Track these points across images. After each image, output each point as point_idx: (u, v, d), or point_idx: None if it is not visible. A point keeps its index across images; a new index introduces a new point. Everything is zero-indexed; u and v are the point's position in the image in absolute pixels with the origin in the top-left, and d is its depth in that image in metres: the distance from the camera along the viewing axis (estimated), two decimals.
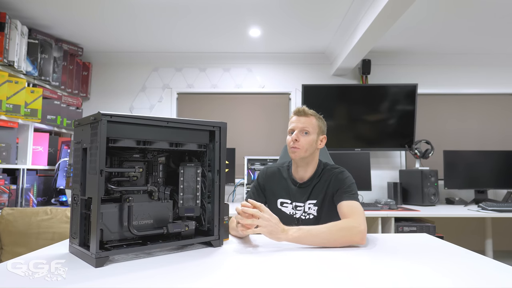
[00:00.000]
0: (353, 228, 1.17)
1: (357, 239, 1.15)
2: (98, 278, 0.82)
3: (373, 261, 1.01)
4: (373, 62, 3.31)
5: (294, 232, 1.14)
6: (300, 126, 1.42)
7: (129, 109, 3.39)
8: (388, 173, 3.31)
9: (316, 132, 1.44)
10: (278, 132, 3.40)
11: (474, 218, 3.07)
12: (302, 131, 1.41)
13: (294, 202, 1.47)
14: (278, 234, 1.13)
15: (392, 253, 1.11)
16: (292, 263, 0.98)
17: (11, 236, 1.80)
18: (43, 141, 2.80)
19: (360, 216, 1.23)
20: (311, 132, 1.42)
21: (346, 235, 1.15)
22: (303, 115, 1.44)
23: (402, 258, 1.04)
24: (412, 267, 0.94)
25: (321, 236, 1.14)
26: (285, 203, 1.48)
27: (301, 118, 1.44)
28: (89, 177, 0.97)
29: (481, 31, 2.83)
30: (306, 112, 1.44)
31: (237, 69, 3.42)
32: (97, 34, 2.94)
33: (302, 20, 2.63)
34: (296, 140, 1.40)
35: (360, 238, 1.16)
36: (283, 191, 1.50)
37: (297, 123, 1.43)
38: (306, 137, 1.41)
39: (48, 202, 2.76)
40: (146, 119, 1.02)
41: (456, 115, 3.40)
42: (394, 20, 2.20)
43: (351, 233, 1.16)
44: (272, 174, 1.55)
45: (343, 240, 1.15)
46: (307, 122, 1.42)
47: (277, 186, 1.51)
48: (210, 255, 1.05)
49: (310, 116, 1.44)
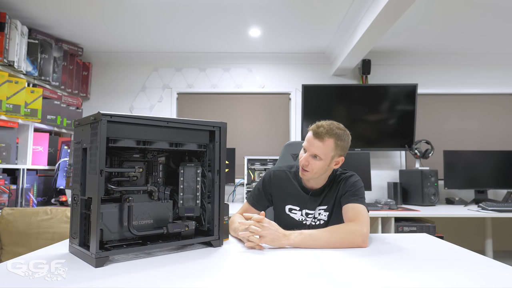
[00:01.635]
0: (354, 231, 1.17)
1: (359, 242, 1.15)
2: (98, 278, 0.82)
3: (373, 261, 1.01)
4: (373, 62, 3.31)
5: (295, 236, 1.14)
6: (312, 150, 1.33)
7: (129, 109, 3.39)
8: (388, 173, 3.31)
9: (331, 156, 1.33)
10: (278, 132, 3.40)
11: (474, 218, 3.07)
12: (313, 156, 1.33)
13: (305, 210, 1.44)
14: (280, 241, 1.13)
15: (392, 253, 1.10)
16: (292, 263, 0.98)
17: (11, 236, 1.80)
18: (43, 141, 2.80)
19: (363, 219, 1.23)
20: (323, 158, 1.32)
21: (348, 239, 1.15)
22: (318, 138, 1.32)
23: (402, 258, 1.04)
24: (412, 267, 0.94)
25: (322, 239, 1.14)
26: (294, 210, 1.45)
27: (315, 141, 1.32)
28: (89, 177, 0.97)
29: (481, 31, 2.83)
30: (322, 136, 1.31)
31: (237, 69, 3.42)
32: (97, 34, 2.93)
33: (302, 20, 2.63)
34: (306, 164, 1.34)
35: (362, 241, 1.16)
36: (291, 197, 1.45)
37: (310, 146, 1.34)
38: (316, 163, 1.33)
39: (48, 202, 2.76)
40: (146, 119, 1.02)
41: (456, 115, 3.40)
42: (394, 20, 2.20)
43: (352, 236, 1.16)
44: (279, 179, 1.48)
45: (345, 243, 1.15)
46: (320, 148, 1.31)
47: (285, 191, 1.46)
48: (210, 255, 1.05)
49: (327, 140, 1.31)
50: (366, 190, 2.89)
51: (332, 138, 1.32)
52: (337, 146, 1.34)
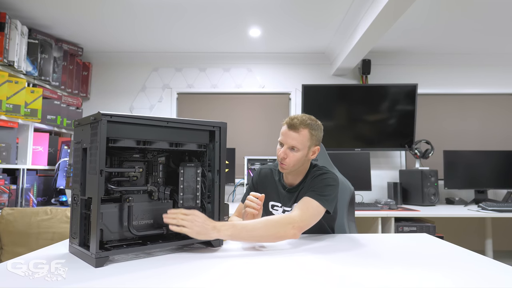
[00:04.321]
0: (288, 224, 1.14)
1: (290, 235, 1.14)
2: (98, 278, 0.82)
3: (373, 261, 1.01)
4: (373, 62, 3.31)
5: (226, 229, 1.07)
6: (288, 142, 1.35)
7: (129, 109, 3.39)
8: (388, 173, 3.31)
9: (307, 146, 1.36)
10: (278, 132, 3.38)
11: (474, 218, 3.07)
12: (290, 148, 1.35)
13: (283, 206, 1.45)
14: (208, 233, 1.04)
15: (392, 253, 1.11)
16: (292, 263, 0.98)
17: (11, 236, 1.80)
18: (43, 141, 2.80)
19: (306, 212, 1.21)
20: (301, 148, 1.34)
21: (280, 232, 1.13)
22: (293, 130, 1.35)
23: (402, 258, 1.04)
24: (412, 267, 0.94)
25: (256, 232, 1.10)
26: (275, 206, 1.48)
27: (291, 133, 1.35)
28: (89, 177, 0.97)
29: (481, 31, 2.83)
30: (297, 127, 1.34)
31: (237, 69, 3.42)
32: (97, 34, 2.93)
33: (302, 20, 2.63)
34: (284, 157, 1.35)
35: (293, 234, 1.14)
36: (274, 194, 1.49)
37: (286, 138, 1.36)
38: (294, 154, 1.34)
39: (48, 202, 2.76)
40: (146, 119, 1.02)
41: (456, 115, 3.40)
42: (394, 20, 2.20)
43: (284, 228, 1.13)
44: (265, 176, 1.55)
45: (277, 236, 1.13)
46: (296, 139, 1.34)
47: (269, 188, 1.50)
48: (210, 255, 1.05)
49: (302, 130, 1.35)
50: (366, 190, 2.94)
51: (306, 128, 1.36)
52: (311, 135, 1.37)
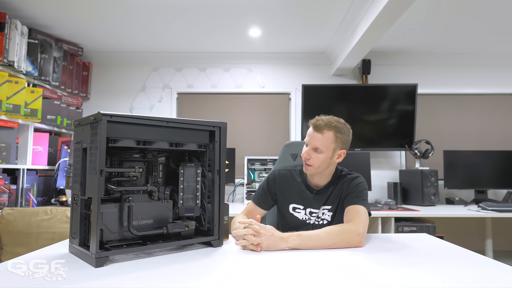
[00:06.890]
0: (351, 232, 1.18)
1: (355, 242, 1.17)
2: (98, 278, 0.82)
3: (373, 261, 1.01)
4: (373, 62, 3.31)
5: (294, 239, 1.13)
6: (312, 143, 1.35)
7: (129, 109, 3.39)
8: (388, 173, 3.31)
9: (332, 149, 1.35)
10: (278, 132, 3.40)
11: (474, 218, 3.07)
12: (314, 149, 1.35)
13: (309, 208, 1.44)
14: (278, 245, 1.12)
15: (392, 253, 1.11)
16: (292, 262, 0.98)
17: (11, 236, 1.80)
18: (43, 141, 2.80)
19: (361, 220, 1.24)
20: (324, 150, 1.34)
21: (345, 239, 1.17)
22: (317, 131, 1.34)
23: (401, 258, 1.04)
24: (412, 267, 0.94)
25: (321, 241, 1.15)
26: (297, 209, 1.46)
27: (315, 134, 1.35)
28: (89, 177, 0.97)
29: (481, 31, 2.83)
30: (321, 128, 1.34)
31: (237, 69, 3.42)
32: (97, 34, 2.93)
33: (302, 20, 2.63)
34: (307, 158, 1.36)
35: (358, 241, 1.17)
36: (296, 196, 1.46)
37: (310, 139, 1.36)
38: (317, 156, 1.34)
39: (48, 202, 2.76)
40: (146, 119, 1.02)
41: (456, 115, 3.40)
42: (394, 20, 2.20)
43: (349, 236, 1.17)
44: (284, 178, 1.50)
45: (342, 243, 1.16)
46: (320, 141, 1.34)
47: (290, 190, 1.47)
48: (210, 255, 1.05)
49: (326, 132, 1.34)
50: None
51: (331, 130, 1.34)
52: (337, 138, 1.35)
